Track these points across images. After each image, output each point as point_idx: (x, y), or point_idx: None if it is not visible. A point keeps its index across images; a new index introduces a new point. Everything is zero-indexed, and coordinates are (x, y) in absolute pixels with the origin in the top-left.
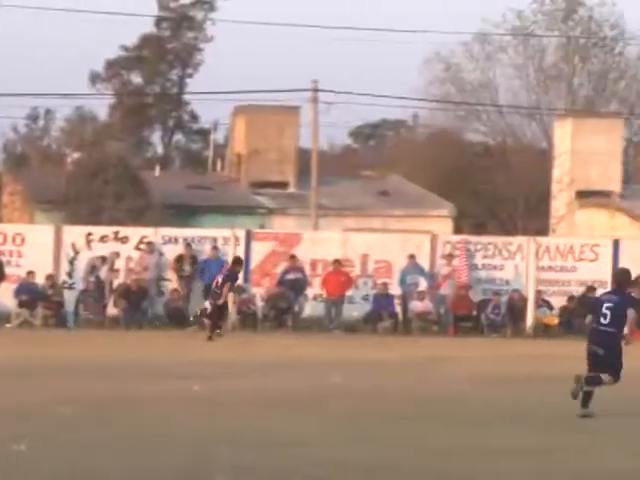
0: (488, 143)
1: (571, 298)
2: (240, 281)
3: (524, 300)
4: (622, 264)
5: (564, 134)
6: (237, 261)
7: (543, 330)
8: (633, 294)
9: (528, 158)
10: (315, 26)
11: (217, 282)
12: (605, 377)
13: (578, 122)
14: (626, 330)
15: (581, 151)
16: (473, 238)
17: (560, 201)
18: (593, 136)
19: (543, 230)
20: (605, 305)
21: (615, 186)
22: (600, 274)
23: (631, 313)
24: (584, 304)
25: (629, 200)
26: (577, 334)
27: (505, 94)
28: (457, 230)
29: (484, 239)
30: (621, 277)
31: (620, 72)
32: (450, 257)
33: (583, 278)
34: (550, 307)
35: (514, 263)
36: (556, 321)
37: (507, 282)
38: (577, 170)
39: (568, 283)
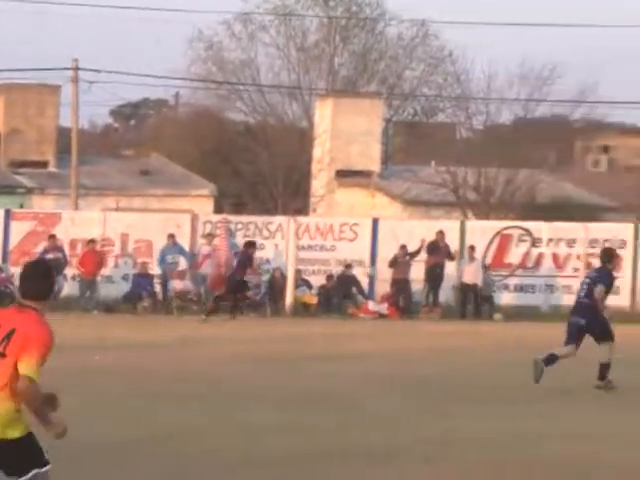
0: (249, 122)
1: (330, 277)
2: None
3: (285, 279)
4: (380, 243)
5: (324, 114)
6: (249, 244)
7: (302, 309)
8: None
9: (289, 137)
10: (74, 4)
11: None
12: (561, 350)
13: (338, 102)
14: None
15: (341, 131)
16: (234, 217)
17: (320, 180)
18: (353, 116)
19: (304, 209)
20: (585, 280)
21: (375, 166)
22: (359, 253)
23: (598, 289)
24: (343, 283)
25: (388, 180)
26: (335, 313)
27: (267, 73)
28: (218, 209)
29: (244, 218)
30: (602, 255)
31: (380, 53)
32: (211, 236)
33: (342, 257)
34: (309, 286)
35: (274, 242)
36: (315, 300)
37: (268, 261)
38: (337, 150)
39: (327, 262)
